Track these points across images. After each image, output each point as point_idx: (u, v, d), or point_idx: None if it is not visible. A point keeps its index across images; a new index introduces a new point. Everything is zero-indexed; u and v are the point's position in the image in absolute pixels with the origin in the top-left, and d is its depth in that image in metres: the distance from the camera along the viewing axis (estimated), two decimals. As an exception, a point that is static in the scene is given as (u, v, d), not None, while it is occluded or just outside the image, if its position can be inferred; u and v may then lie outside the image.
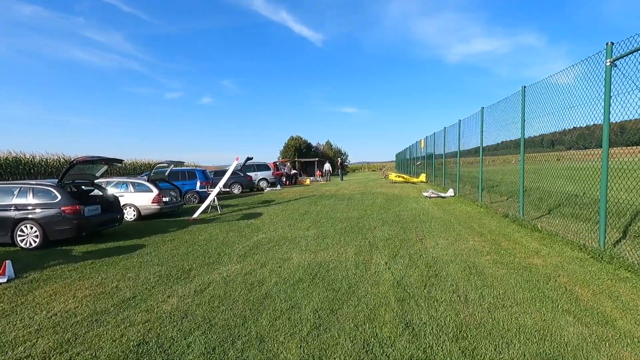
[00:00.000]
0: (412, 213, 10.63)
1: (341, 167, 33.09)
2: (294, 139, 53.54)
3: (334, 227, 9.00)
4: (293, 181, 28.62)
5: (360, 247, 6.86)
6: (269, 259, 6.44)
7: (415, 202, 13.07)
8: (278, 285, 4.99)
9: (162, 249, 7.67)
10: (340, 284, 4.89)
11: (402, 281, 4.81)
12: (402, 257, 5.99)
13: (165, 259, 6.83)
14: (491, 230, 7.64)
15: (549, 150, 8.84)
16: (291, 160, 38.20)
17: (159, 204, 12.06)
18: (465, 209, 10.84)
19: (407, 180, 22.73)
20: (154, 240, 8.69)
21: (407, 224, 8.98)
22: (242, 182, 21.43)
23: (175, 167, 14.49)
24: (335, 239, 7.70)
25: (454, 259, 5.69)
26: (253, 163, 24.69)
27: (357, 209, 12.07)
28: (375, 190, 19.00)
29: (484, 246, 6.39)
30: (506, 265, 5.22)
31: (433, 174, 21.01)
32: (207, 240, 8.44)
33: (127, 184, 12.35)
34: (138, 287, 5.32)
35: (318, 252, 6.67)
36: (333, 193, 18.50)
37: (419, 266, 5.42)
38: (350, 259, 6.04)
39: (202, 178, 16.69)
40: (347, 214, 11.13)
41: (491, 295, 4.17)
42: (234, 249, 7.32)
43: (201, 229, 9.89)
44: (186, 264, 6.45)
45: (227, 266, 6.15)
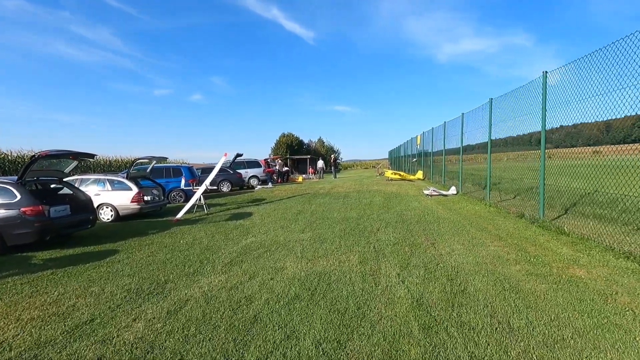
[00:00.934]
0: (415, 213, 9.77)
1: (334, 165, 32.18)
2: (286, 136, 52.51)
3: (332, 230, 8.10)
4: (285, 179, 27.66)
5: (365, 253, 5.97)
6: (259, 268, 5.52)
7: (417, 201, 12.23)
8: (270, 305, 4.08)
9: (137, 256, 6.71)
10: (346, 302, 3.99)
11: (422, 300, 3.93)
12: (415, 266, 5.11)
13: (139, 268, 5.87)
14: (510, 233, 6.81)
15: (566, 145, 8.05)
16: (283, 157, 37.20)
17: (138, 204, 11.04)
18: (473, 209, 10.02)
19: (403, 177, 21.94)
20: (129, 244, 7.71)
21: (412, 225, 8.12)
22: (232, 180, 20.41)
23: (158, 163, 13.47)
24: (335, 243, 6.80)
25: (477, 269, 4.82)
26: (243, 160, 23.67)
27: (355, 209, 11.19)
28: (371, 188, 18.14)
29: (509, 253, 5.54)
30: (544, 278, 4.37)
31: (431, 171, 20.23)
32: (189, 244, 7.48)
33: (104, 181, 11.30)
34: (100, 306, 4.37)
35: (316, 259, 5.76)
36: (327, 191, 17.60)
37: (438, 279, 4.54)
38: (354, 269, 5.14)
39: (188, 175, 15.65)
40: (344, 214, 10.24)
41: (541, 321, 3.30)
42: (219, 256, 6.39)
43: (184, 231, 8.93)
44: (162, 274, 5.51)
45: (210, 277, 5.22)
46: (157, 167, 15.80)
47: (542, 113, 7.11)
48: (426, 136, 21.53)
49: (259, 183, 23.54)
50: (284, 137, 52.28)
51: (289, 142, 51.46)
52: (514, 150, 10.87)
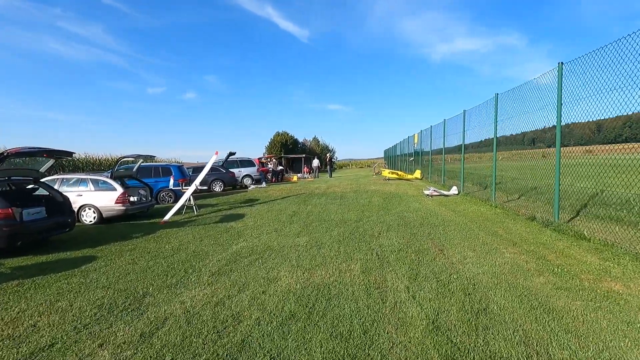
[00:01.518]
0: (417, 215, 9.23)
1: (330, 164, 31.63)
2: (280, 135, 51.88)
3: (330, 233, 7.53)
4: (279, 178, 27.05)
5: (367, 261, 5.40)
6: (249, 278, 4.93)
7: (417, 202, 11.70)
8: (261, 326, 3.50)
9: (116, 263, 6.09)
10: (350, 324, 3.42)
11: (439, 321, 3.37)
12: (425, 278, 4.55)
13: (116, 279, 5.26)
14: (524, 238, 6.28)
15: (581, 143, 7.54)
16: (277, 156, 36.56)
17: (123, 205, 10.38)
18: (478, 210, 9.49)
19: (401, 177, 21.42)
20: (109, 250, 7.08)
21: (416, 229, 7.57)
22: (224, 179, 19.77)
23: (145, 162, 12.80)
24: (333, 249, 6.23)
25: (497, 282, 4.27)
26: (236, 159, 23.03)
27: (353, 210, 10.62)
28: (369, 187, 17.60)
29: (527, 261, 5.00)
30: (576, 294, 3.82)
31: (430, 170, 19.72)
32: (175, 249, 6.88)
33: (86, 181, 10.62)
34: (64, 326, 3.77)
35: (313, 269, 5.18)
36: (323, 191, 17.03)
37: (454, 293, 3.99)
38: (357, 281, 4.58)
39: (177, 175, 14.99)
40: (342, 216, 9.67)
41: (588, 352, 2.74)
42: (206, 263, 5.79)
43: (171, 235, 8.31)
44: (141, 285, 4.91)
45: (194, 290, 4.63)
46: (145, 166, 15.13)
47: (557, 107, 6.59)
48: (424, 134, 21.04)
49: (253, 182, 22.92)
50: (278, 136, 51.64)
51: (283, 141, 50.83)
52: (522, 148, 10.37)
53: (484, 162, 12.64)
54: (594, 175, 5.88)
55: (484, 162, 13.02)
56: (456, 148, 15.22)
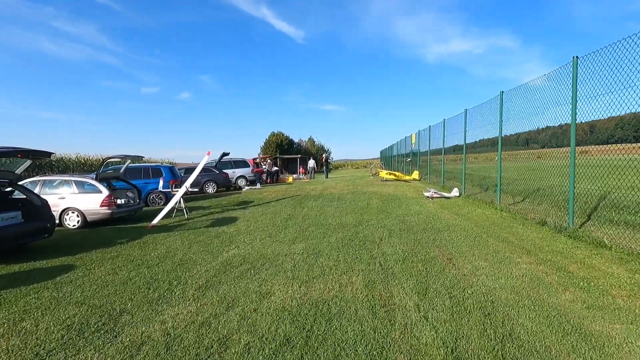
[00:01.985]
0: (419, 218, 8.77)
1: (326, 164, 31.14)
2: (275, 135, 51.40)
3: (328, 239, 7.04)
4: (274, 179, 26.52)
5: (370, 273, 4.92)
6: (239, 293, 4.44)
7: (418, 204, 11.24)
8: (251, 354, 3.01)
9: (96, 273, 5.57)
10: (355, 353, 2.94)
11: (459, 349, 2.89)
12: (437, 293, 4.08)
13: (93, 292, 4.75)
14: (538, 246, 5.82)
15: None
16: (272, 156, 36.01)
17: (109, 208, 9.83)
18: (483, 213, 9.05)
19: (398, 178, 20.98)
20: (90, 258, 6.55)
21: (420, 234, 7.11)
22: (218, 180, 19.21)
23: (133, 162, 12.26)
24: (332, 257, 5.74)
25: (518, 299, 3.81)
26: (230, 159, 22.47)
27: (352, 213, 10.15)
28: (366, 189, 17.13)
29: (547, 273, 4.54)
30: (613, 315, 3.36)
31: (428, 171, 19.29)
32: (161, 257, 6.37)
33: (69, 183, 10.06)
34: (24, 352, 3.27)
35: (311, 282, 4.69)
36: (320, 192, 16.54)
37: (471, 313, 3.51)
38: (360, 297, 4.09)
39: (168, 176, 14.43)
40: (340, 220, 9.19)
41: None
42: (193, 274, 5.29)
43: (158, 240, 7.79)
44: (119, 301, 4.40)
45: (177, 307, 4.12)
46: (135, 167, 14.58)
47: (572, 104, 6.15)
48: (422, 135, 20.62)
49: (247, 184, 22.39)
50: (273, 136, 51.16)
51: (278, 141, 50.36)
52: (528, 148, 9.96)
53: (487, 163, 12.22)
54: (600, 177, 5.49)
55: (486, 162, 12.60)
56: (456, 148, 14.82)
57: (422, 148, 21.19)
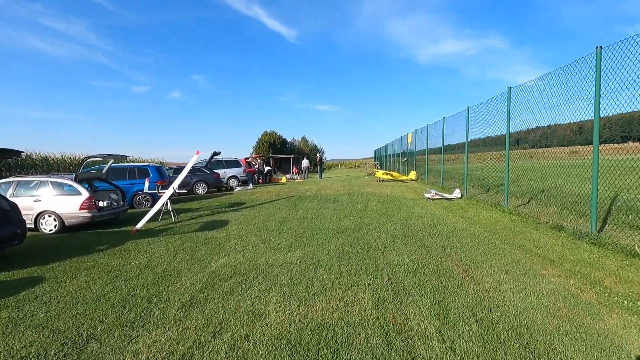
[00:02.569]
0: (423, 222, 8.22)
1: (320, 164, 30.53)
2: (268, 134, 50.61)
3: (327, 246, 6.44)
4: (267, 179, 25.84)
5: (378, 288, 4.32)
6: (228, 313, 3.82)
7: (419, 206, 10.70)
8: (241, 402, 2.40)
9: (66, 288, 4.91)
10: (372, 400, 2.34)
11: (502, 397, 2.31)
12: (460, 315, 3.49)
13: (58, 312, 4.10)
14: (561, 255, 5.28)
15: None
16: (263, 155, 35.28)
17: (89, 211, 9.12)
18: (490, 216, 8.52)
19: (395, 178, 20.44)
20: (62, 268, 5.88)
21: (426, 240, 6.54)
22: (208, 181, 18.50)
23: (117, 162, 11.54)
24: (334, 269, 5.14)
25: (558, 323, 3.24)
26: (221, 159, 21.76)
27: (350, 216, 9.56)
28: (363, 189, 16.56)
29: (582, 289, 3.99)
30: (678, 345, 2.81)
31: (426, 171, 18.77)
32: (142, 268, 5.72)
33: (46, 184, 9.32)
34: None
35: (311, 299, 4.08)
36: (315, 193, 15.94)
37: (506, 343, 2.94)
38: (369, 319, 3.50)
39: (155, 176, 13.70)
40: (338, 223, 8.60)
41: None
42: (176, 289, 4.66)
43: (141, 247, 7.13)
44: (87, 324, 3.76)
45: (155, 331, 3.50)
46: (120, 167, 13.83)
47: (595, 99, 5.63)
48: (419, 134, 20.12)
49: (239, 184, 21.69)
50: (266, 136, 50.36)
51: (271, 141, 49.58)
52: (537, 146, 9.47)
53: (492, 163, 11.71)
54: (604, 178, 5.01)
55: (488, 162, 12.10)
56: (456, 147, 14.32)
57: (419, 147, 20.69)
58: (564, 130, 8.86)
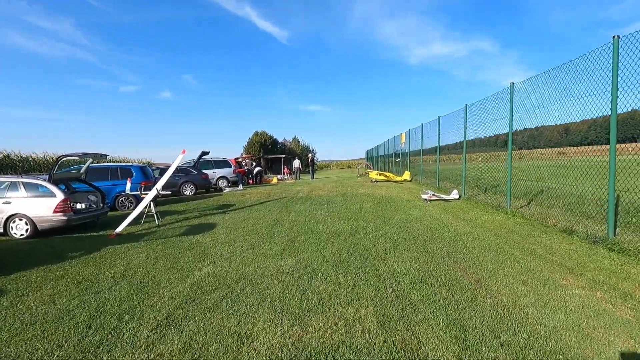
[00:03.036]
0: (423, 225, 7.75)
1: (312, 165, 29.99)
2: (259, 135, 49.96)
3: (322, 252, 5.92)
4: (258, 180, 25.23)
5: (382, 302, 3.81)
6: (210, 336, 3.27)
7: (416, 208, 10.24)
8: None
9: (26, 303, 4.32)
10: None
11: None
12: (481, 337, 3.00)
13: (11, 335, 3.51)
14: (579, 262, 4.83)
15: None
16: (253, 155, 34.62)
17: (64, 214, 8.46)
18: (493, 219, 8.08)
19: (389, 178, 20.00)
20: (28, 278, 5.26)
21: (429, 245, 6.06)
22: (196, 182, 17.83)
23: (96, 162, 10.86)
24: (330, 279, 4.62)
25: (599, 349, 2.76)
26: (210, 159, 21.10)
27: (345, 219, 9.06)
28: (356, 190, 16.07)
29: (613, 303, 3.53)
30: None
31: (420, 172, 18.36)
32: (116, 278, 5.13)
33: (17, 185, 8.63)
34: None
35: (306, 317, 3.55)
36: (307, 194, 15.40)
37: (543, 376, 2.45)
38: (376, 344, 2.98)
39: (139, 176, 13.04)
40: (333, 226, 8.09)
41: None
42: (152, 304, 4.09)
43: (118, 254, 6.53)
44: (43, 349, 3.19)
45: (124, 359, 2.94)
46: (101, 167, 13.13)
47: (612, 94, 5.20)
48: (413, 133, 19.72)
49: (229, 185, 21.05)
50: (257, 136, 49.71)
51: (262, 141, 48.94)
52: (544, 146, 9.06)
53: (491, 163, 11.32)
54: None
55: (490, 162, 11.70)
56: (452, 147, 13.93)
57: (412, 147, 20.31)
58: (577, 126, 8.49)
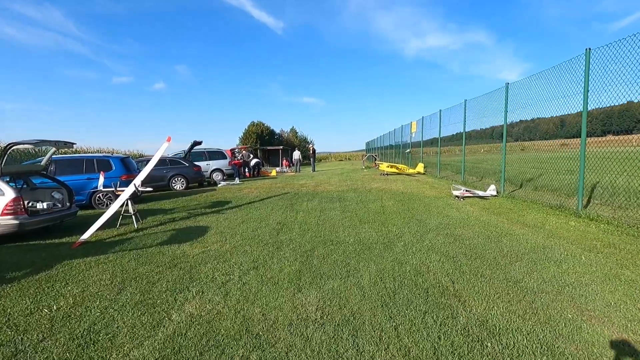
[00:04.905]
0: (476, 233, 6.03)
1: (313, 156, 28.12)
2: (255, 125, 47.93)
3: (356, 279, 4.18)
4: (256, 173, 23.37)
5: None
6: None
7: (451, 207, 8.50)
8: None
9: None
10: None
11: None
12: None
13: None
14: None
15: None
16: (248, 147, 32.65)
17: (16, 216, 6.66)
18: (567, 225, 6.32)
19: (401, 171, 18.21)
20: None
21: (509, 269, 4.32)
22: (188, 175, 15.95)
23: (60, 152, 9.03)
24: (388, 338, 2.89)
25: None
26: (203, 149, 19.26)
27: (368, 221, 7.33)
28: (368, 185, 14.28)
29: None
30: None
31: (438, 164, 16.55)
32: (55, 323, 3.40)
33: (-46, 180, 6.80)
34: None
35: None
36: (313, 189, 13.61)
37: None
38: None
39: (120, 169, 11.20)
40: (356, 233, 6.37)
41: None
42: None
43: (74, 274, 4.78)
44: None
45: None
46: (74, 159, 11.28)
47: None
48: (428, 121, 17.93)
49: (224, 178, 19.20)
50: (253, 126, 47.67)
51: (258, 132, 46.93)
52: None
53: (542, 153, 9.55)
54: None
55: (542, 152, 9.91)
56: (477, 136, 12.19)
57: (426, 137, 18.52)
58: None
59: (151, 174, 13.80)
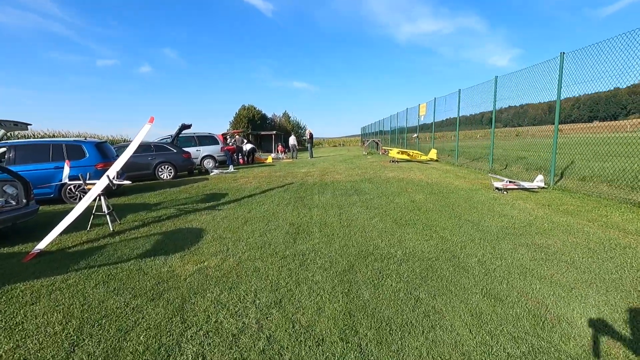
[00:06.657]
0: (575, 244, 4.58)
1: (311, 141, 26.44)
2: (247, 109, 45.94)
3: (445, 332, 2.69)
4: (250, 160, 21.66)
5: None
6: None
7: (500, 202, 7.04)
8: None
9: None
10: None
11: None
12: None
13: None
14: None
15: None
16: (242, 131, 30.79)
17: (-55, 222, 5.00)
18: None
19: (413, 158, 16.70)
20: None
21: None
22: (176, 162, 14.20)
23: (10, 137, 7.27)
24: None
25: None
26: (193, 134, 17.48)
27: (407, 223, 5.84)
28: (382, 174, 12.71)
29: None
30: None
31: (457, 150, 15.01)
32: None
33: None
34: None
35: None
36: (319, 179, 12.02)
37: None
38: None
39: (95, 157, 9.46)
40: (399, 241, 4.87)
41: None
42: None
43: (11, 315, 3.21)
44: None
45: None
46: (38, 144, 9.49)
47: None
48: (440, 103, 16.37)
49: (216, 166, 17.49)
50: (244, 110, 45.68)
51: (250, 116, 45.00)
52: None
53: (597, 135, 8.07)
54: None
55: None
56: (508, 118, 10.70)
57: (438, 119, 16.97)
58: None
59: (134, 161, 12.08)
